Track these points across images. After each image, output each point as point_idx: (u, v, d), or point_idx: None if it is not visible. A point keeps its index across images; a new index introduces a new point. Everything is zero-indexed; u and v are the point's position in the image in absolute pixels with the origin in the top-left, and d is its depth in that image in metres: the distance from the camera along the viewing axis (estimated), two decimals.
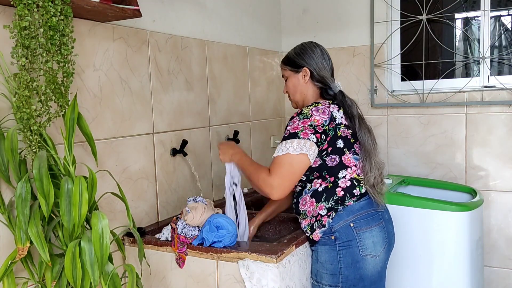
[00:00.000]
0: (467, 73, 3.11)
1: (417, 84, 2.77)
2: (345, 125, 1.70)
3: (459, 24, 3.33)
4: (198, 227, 1.72)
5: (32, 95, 1.28)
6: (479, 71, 2.68)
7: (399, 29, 2.81)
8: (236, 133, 2.54)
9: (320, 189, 1.70)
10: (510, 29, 3.11)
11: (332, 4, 2.94)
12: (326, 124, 1.64)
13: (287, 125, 1.68)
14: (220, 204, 2.33)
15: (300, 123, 1.64)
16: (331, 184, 1.68)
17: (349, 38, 2.90)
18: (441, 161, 2.74)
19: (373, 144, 1.73)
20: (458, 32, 3.30)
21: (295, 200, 1.78)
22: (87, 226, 1.41)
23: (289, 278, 1.61)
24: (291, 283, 1.62)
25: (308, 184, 1.72)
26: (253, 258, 1.58)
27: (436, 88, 2.73)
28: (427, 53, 2.75)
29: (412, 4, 2.74)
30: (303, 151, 1.60)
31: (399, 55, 2.82)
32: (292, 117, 1.68)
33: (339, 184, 1.68)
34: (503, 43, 3.14)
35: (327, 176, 1.69)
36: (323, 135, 1.63)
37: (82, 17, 1.65)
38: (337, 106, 1.72)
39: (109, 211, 1.78)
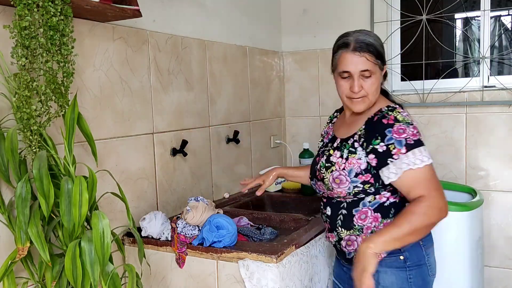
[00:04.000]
0: (467, 73, 3.11)
1: (417, 84, 2.77)
2: None
3: (459, 24, 3.33)
4: (198, 226, 1.72)
5: (32, 95, 1.27)
6: (479, 71, 2.68)
7: (399, 29, 2.81)
8: (236, 133, 2.54)
9: (387, 204, 1.45)
10: (510, 29, 3.11)
11: (332, 4, 2.93)
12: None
13: (390, 136, 1.36)
14: (220, 204, 2.33)
15: (413, 129, 1.37)
16: (400, 198, 1.45)
17: None
18: (441, 161, 2.74)
19: None
20: (458, 32, 3.30)
21: (344, 211, 1.49)
22: (87, 226, 1.41)
23: (289, 278, 1.61)
24: (291, 283, 1.62)
25: (370, 196, 1.44)
26: (253, 258, 1.58)
27: (436, 88, 2.73)
28: (427, 53, 2.75)
29: (412, 4, 2.74)
30: (431, 160, 1.37)
31: (399, 55, 2.82)
32: (390, 125, 1.38)
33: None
34: (503, 43, 3.14)
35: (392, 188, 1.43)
36: None
37: (82, 17, 1.65)
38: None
39: (109, 211, 1.78)
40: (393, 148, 1.35)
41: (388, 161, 1.36)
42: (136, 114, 1.93)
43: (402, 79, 2.86)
